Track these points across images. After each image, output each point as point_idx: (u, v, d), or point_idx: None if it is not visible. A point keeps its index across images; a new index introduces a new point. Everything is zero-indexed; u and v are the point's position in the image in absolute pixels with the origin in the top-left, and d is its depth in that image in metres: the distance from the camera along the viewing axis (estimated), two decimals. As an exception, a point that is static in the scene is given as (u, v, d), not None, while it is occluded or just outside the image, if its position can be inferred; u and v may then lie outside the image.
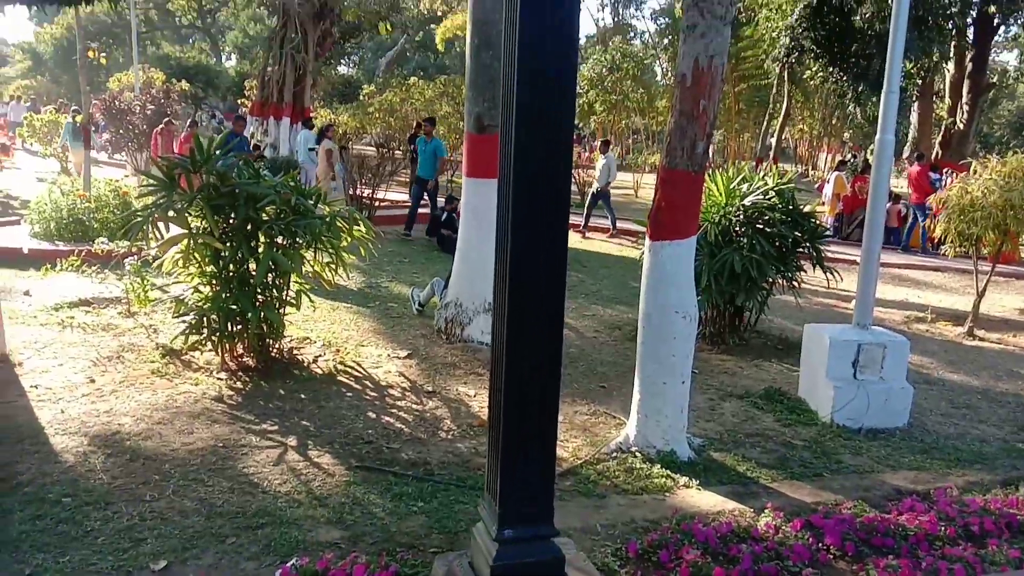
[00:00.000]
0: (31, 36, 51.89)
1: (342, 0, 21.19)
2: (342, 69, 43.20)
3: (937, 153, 20.44)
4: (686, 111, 4.31)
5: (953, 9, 17.10)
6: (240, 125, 14.63)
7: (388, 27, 24.26)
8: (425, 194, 12.97)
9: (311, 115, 20.76)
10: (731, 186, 7.19)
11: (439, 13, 35.99)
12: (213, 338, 5.59)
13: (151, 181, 5.62)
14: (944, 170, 17.08)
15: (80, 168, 13.12)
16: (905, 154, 21.74)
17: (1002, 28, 21.83)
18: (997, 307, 10.56)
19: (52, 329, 6.32)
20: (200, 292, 5.64)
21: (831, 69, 17.52)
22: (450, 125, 21.77)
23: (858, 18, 16.32)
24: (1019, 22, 21.60)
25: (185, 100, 27.14)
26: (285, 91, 19.01)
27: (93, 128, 17.53)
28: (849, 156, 23.47)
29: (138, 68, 23.61)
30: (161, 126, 16.00)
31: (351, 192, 13.28)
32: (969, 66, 20.53)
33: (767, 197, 7.05)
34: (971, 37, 20.31)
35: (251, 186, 5.46)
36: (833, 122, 29.07)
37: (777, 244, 7.06)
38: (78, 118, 15.74)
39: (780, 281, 7.25)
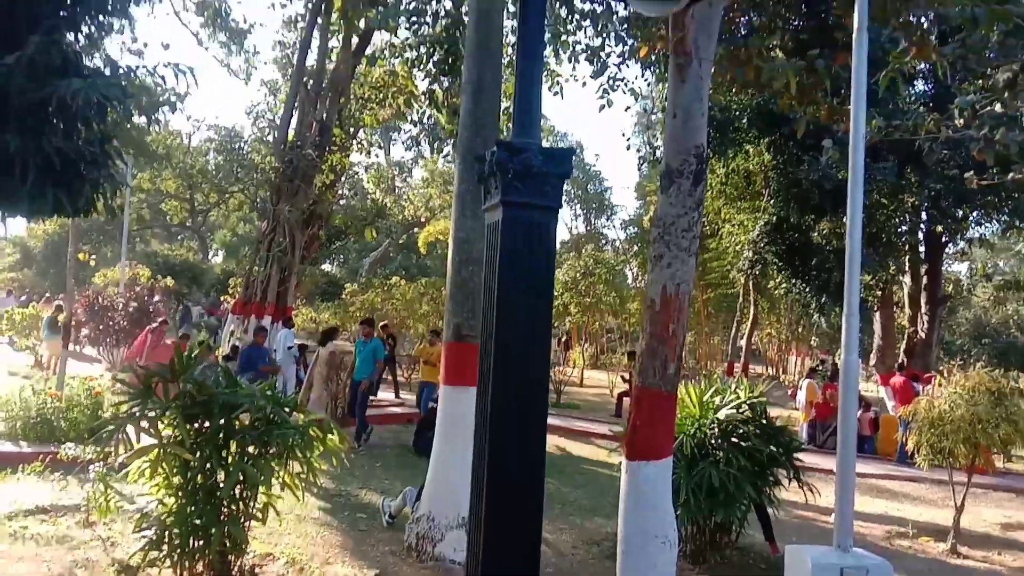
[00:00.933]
0: (23, 231, 53.39)
1: (330, 207, 22.30)
2: (326, 267, 44.57)
3: (903, 362, 21.02)
4: (657, 334, 4.50)
5: (903, 228, 18.34)
6: (261, 336, 13.92)
7: (373, 233, 25.37)
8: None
9: (293, 313, 21.12)
10: (704, 399, 7.31)
11: (423, 219, 37.93)
12: (173, 555, 5.34)
13: (128, 389, 5.63)
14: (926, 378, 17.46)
15: (53, 359, 13.08)
16: (872, 361, 22.28)
17: (950, 244, 23.27)
18: (978, 521, 10.42)
19: (2, 542, 6.00)
20: (165, 505, 5.46)
21: (793, 281, 18.40)
22: (429, 324, 22.22)
23: (816, 234, 17.41)
24: (965, 238, 23.11)
25: (169, 296, 27.61)
26: (269, 291, 19.45)
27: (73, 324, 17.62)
28: (818, 363, 24.02)
29: (125, 264, 24.27)
30: (155, 325, 16.11)
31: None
32: (924, 279, 21.64)
33: (740, 411, 7.15)
34: (923, 252, 21.59)
35: (228, 395, 5.48)
36: (799, 330, 30.05)
37: (753, 458, 7.06)
38: (60, 316, 15.88)
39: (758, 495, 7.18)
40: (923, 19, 9.30)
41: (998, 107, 8.77)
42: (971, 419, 8.58)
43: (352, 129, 20.78)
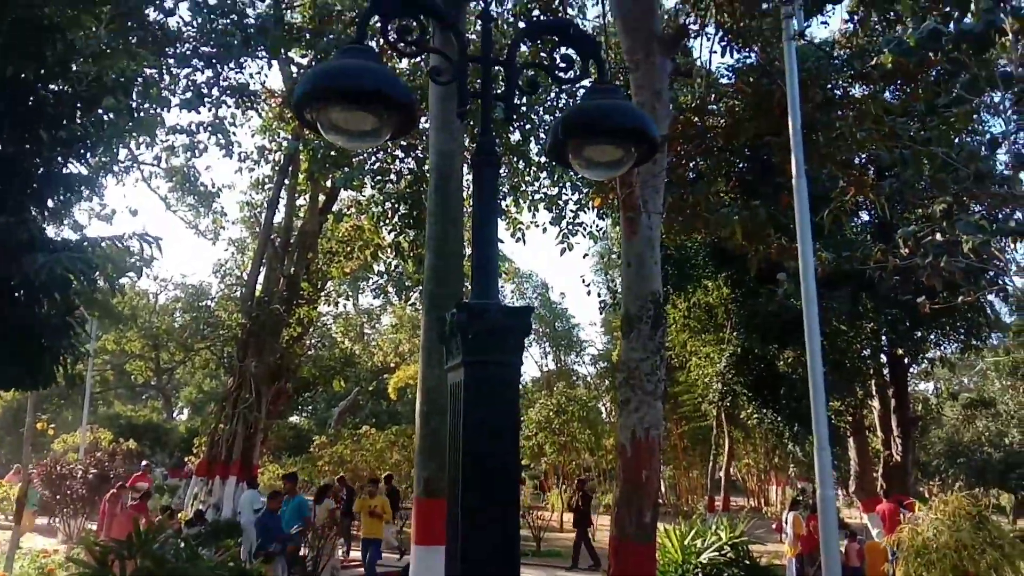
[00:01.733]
0: (-20, 399, 51.89)
1: (298, 359, 22.18)
2: (294, 419, 43.67)
3: (882, 486, 20.82)
4: (630, 480, 4.45)
5: (866, 352, 18.68)
6: (276, 502, 12.31)
7: (342, 382, 25.14)
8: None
9: (258, 472, 20.49)
10: (686, 542, 7.13)
11: (392, 364, 37.73)
12: None
13: (81, 568, 5.34)
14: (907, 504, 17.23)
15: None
16: (852, 488, 22.02)
17: (913, 365, 23.66)
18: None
19: None
20: None
21: (764, 411, 18.45)
22: (402, 473, 21.68)
23: (781, 363, 17.63)
24: (926, 358, 23.52)
25: (131, 460, 26.69)
26: (234, 449, 18.93)
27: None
28: (799, 492, 23.70)
29: (86, 429, 23.57)
30: (113, 491, 15.43)
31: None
32: (892, 401, 21.83)
33: (723, 553, 6.98)
34: (887, 375, 21.89)
35: (188, 570, 5.23)
36: (776, 459, 29.81)
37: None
38: (13, 491, 15.17)
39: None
40: (858, 159, 9.94)
41: (939, 236, 9.24)
42: (956, 546, 8.44)
43: (319, 282, 21.04)
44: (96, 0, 11.28)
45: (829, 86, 10.46)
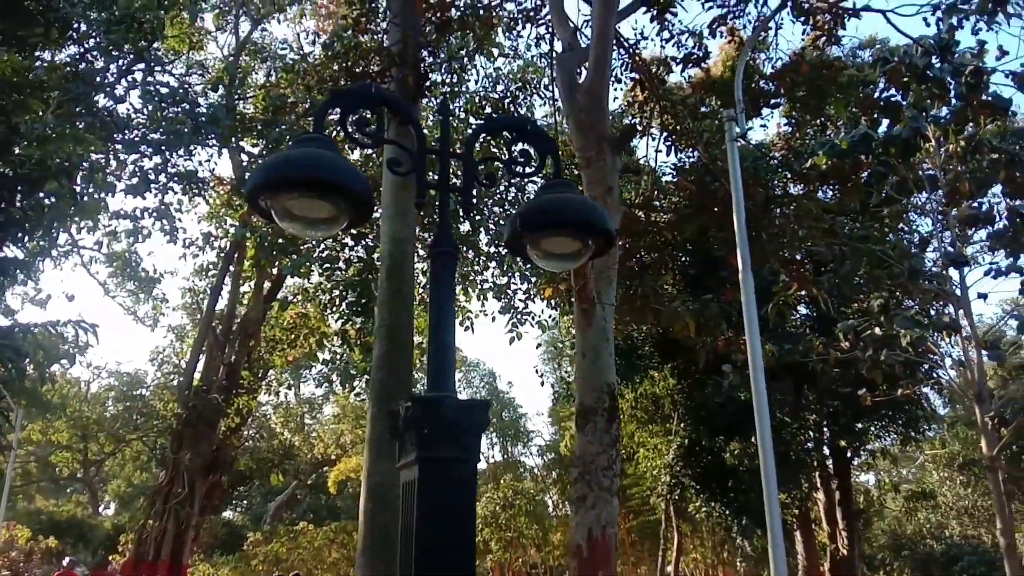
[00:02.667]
0: None
1: (235, 452, 21.35)
2: (227, 515, 41.66)
3: (826, 581, 20.69)
4: (585, 581, 4.30)
5: (809, 444, 18.87)
6: None
7: (280, 476, 24.24)
8: None
9: (188, 572, 19.35)
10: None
11: (333, 456, 36.59)
12: None
13: None
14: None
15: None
16: (800, 582, 21.82)
17: (855, 457, 23.95)
18: None
19: None
20: None
21: (713, 504, 18.33)
22: (339, 572, 20.72)
23: (728, 455, 17.66)
24: (868, 450, 23.86)
25: (50, 559, 25.00)
26: (163, 547, 17.88)
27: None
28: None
29: (1, 527, 22.04)
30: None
31: None
32: (837, 494, 21.95)
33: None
34: (831, 467, 22.08)
35: None
36: (724, 553, 29.46)
37: None
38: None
39: None
40: (798, 255, 10.29)
41: (877, 330, 9.51)
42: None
43: (261, 371, 20.52)
44: (45, 86, 11.23)
45: (769, 185, 10.91)
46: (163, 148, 14.15)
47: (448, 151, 3.07)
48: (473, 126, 13.99)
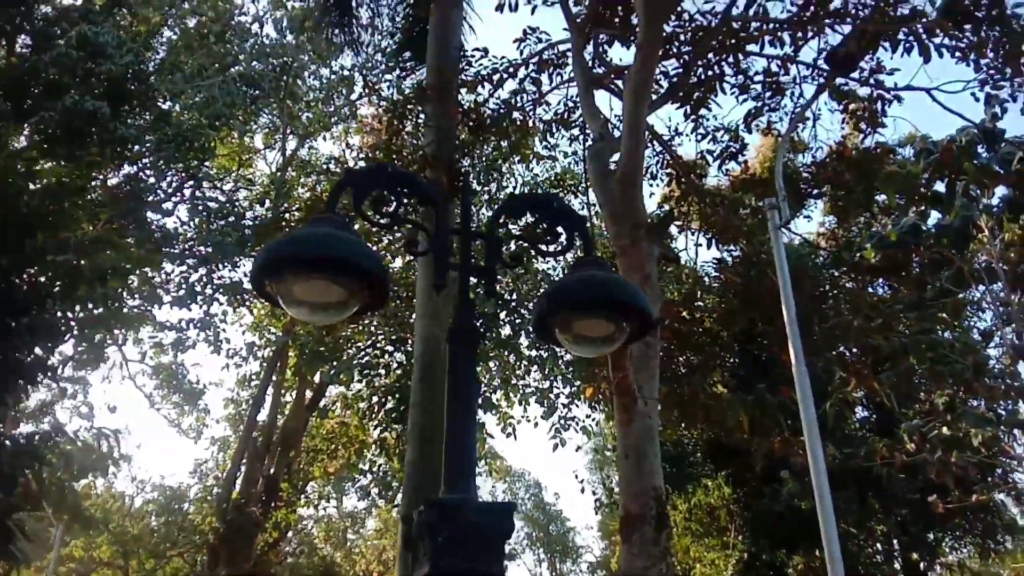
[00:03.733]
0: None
1: (272, 568, 20.68)
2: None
3: None
4: None
5: (878, 557, 17.55)
6: None
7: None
8: None
9: None
10: None
11: (375, 574, 35.33)
12: None
13: None
14: None
15: None
16: None
17: (930, 572, 22.21)
18: None
19: None
20: None
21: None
22: None
23: (792, 571, 16.46)
24: (943, 563, 22.12)
25: None
26: (195, 673, 17.11)
27: None
28: None
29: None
30: None
31: None
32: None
33: None
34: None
35: None
36: None
37: None
38: None
39: None
40: (853, 349, 9.77)
41: (944, 430, 8.84)
42: None
43: (300, 483, 20.13)
44: (96, 203, 11.57)
45: (819, 279, 10.54)
46: (208, 260, 14.40)
47: (469, 230, 2.87)
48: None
